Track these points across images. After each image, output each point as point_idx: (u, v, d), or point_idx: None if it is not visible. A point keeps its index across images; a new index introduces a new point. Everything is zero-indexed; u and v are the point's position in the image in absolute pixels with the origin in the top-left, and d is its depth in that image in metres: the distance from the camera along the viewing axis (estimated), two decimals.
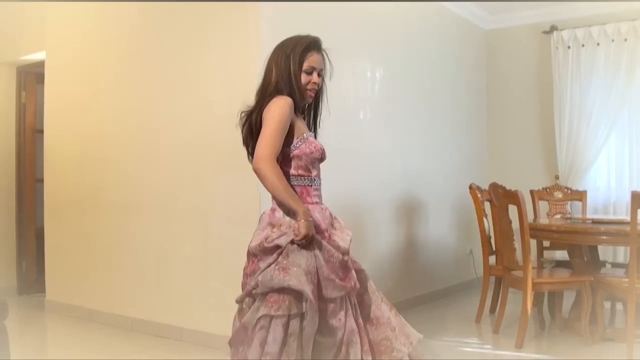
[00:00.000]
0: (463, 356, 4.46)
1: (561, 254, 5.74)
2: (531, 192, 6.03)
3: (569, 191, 6.10)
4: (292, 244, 2.50)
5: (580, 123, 6.49)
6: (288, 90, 2.64)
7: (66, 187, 5.59)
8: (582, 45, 6.51)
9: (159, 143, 4.88)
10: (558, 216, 5.86)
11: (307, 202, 2.62)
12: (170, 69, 4.82)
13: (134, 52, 5.09)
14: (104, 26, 5.34)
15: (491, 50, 7.38)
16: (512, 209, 4.59)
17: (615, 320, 5.12)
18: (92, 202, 5.36)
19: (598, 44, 6.43)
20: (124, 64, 5.16)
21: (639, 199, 4.01)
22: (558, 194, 6.09)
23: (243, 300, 2.61)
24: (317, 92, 2.80)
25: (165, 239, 4.83)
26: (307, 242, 2.49)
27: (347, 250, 2.62)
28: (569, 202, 6.12)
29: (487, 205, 5.48)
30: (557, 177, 6.59)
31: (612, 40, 6.35)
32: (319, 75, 2.74)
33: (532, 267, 4.55)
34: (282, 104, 2.56)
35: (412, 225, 5.98)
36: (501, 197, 4.67)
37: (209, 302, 4.38)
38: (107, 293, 5.22)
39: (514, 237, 4.66)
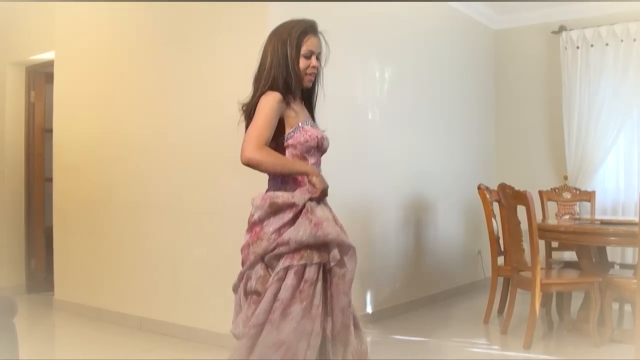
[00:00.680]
0: (471, 357, 4.45)
1: (569, 255, 5.72)
2: (540, 192, 6.01)
3: (577, 192, 6.08)
4: (310, 201, 2.53)
5: (589, 123, 6.46)
6: (284, 76, 2.59)
7: (75, 186, 5.59)
8: (591, 46, 6.48)
9: (168, 143, 4.88)
10: (567, 217, 5.84)
11: (303, 191, 2.58)
12: (179, 69, 4.82)
13: (143, 52, 5.10)
14: (112, 26, 5.34)
15: (500, 50, 7.36)
16: (520, 210, 4.57)
17: (624, 322, 5.11)
18: (101, 202, 5.37)
19: (607, 44, 6.40)
20: (133, 63, 5.17)
21: None
22: (567, 195, 6.06)
23: (246, 272, 2.58)
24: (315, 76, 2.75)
25: (174, 238, 4.83)
26: (325, 195, 2.56)
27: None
28: (578, 203, 6.09)
29: (495, 206, 5.47)
30: (565, 178, 6.56)
31: (621, 41, 6.32)
32: (317, 58, 2.69)
33: (541, 268, 4.53)
34: (270, 99, 2.53)
35: (420, 225, 5.97)
36: (510, 197, 4.66)
37: (218, 302, 4.35)
38: (115, 292, 5.23)
39: (523, 238, 4.64)
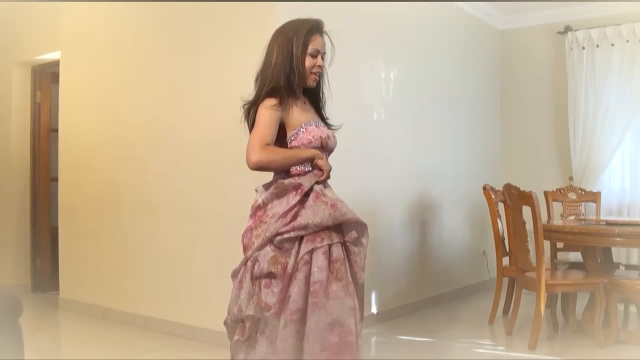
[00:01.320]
0: (476, 357, 4.45)
1: (575, 256, 5.70)
2: (545, 193, 6.00)
3: (583, 192, 6.07)
4: (317, 184, 2.59)
5: (595, 124, 6.45)
6: (286, 73, 2.60)
7: (80, 185, 5.61)
8: (597, 46, 6.47)
9: (174, 142, 4.89)
10: (572, 217, 5.82)
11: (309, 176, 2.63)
12: (184, 69, 4.82)
13: (149, 52, 5.11)
14: (118, 26, 5.36)
15: (505, 50, 7.35)
16: (526, 210, 4.56)
17: (629, 323, 5.10)
18: (106, 201, 5.38)
19: (613, 45, 6.38)
20: (139, 63, 5.18)
21: None
22: (572, 195, 6.05)
23: (250, 257, 2.59)
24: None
25: (179, 237, 4.84)
26: (328, 177, 2.64)
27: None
28: (583, 204, 6.08)
29: (501, 207, 5.47)
30: (571, 179, 6.54)
31: (627, 41, 6.31)
32: (322, 58, 2.70)
33: (546, 269, 4.53)
34: (267, 106, 2.54)
35: (425, 226, 5.97)
36: (515, 198, 4.65)
37: (223, 302, 4.32)
38: (120, 291, 5.24)
39: (528, 239, 4.64)
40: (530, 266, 4.62)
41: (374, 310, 5.25)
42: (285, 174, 2.64)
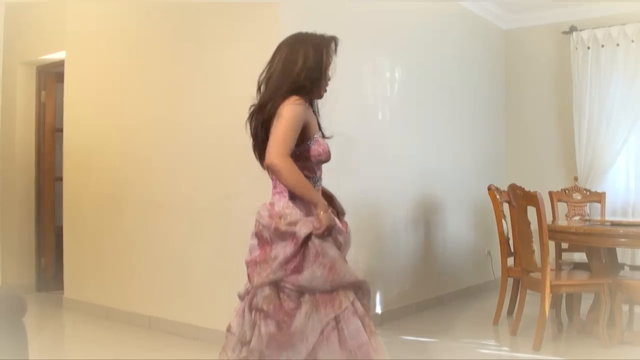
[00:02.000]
0: (480, 358, 4.44)
1: (580, 256, 5.68)
2: (550, 193, 5.98)
3: (587, 193, 6.05)
4: (313, 236, 2.51)
5: (600, 124, 6.43)
6: (310, 83, 2.62)
7: (85, 185, 5.60)
8: (602, 46, 6.45)
9: (178, 142, 4.88)
10: (577, 218, 5.81)
11: (307, 218, 2.60)
12: (189, 69, 4.82)
13: (153, 52, 5.10)
14: (124, 25, 5.35)
15: (510, 50, 7.33)
16: (530, 211, 4.55)
17: (634, 324, 5.05)
18: (110, 201, 5.37)
19: (618, 45, 6.37)
20: (143, 63, 5.17)
21: None
22: (577, 196, 6.03)
23: (258, 290, 2.57)
24: None
25: (184, 237, 4.83)
26: (327, 233, 2.51)
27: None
28: (588, 204, 6.07)
29: (505, 207, 5.45)
30: (576, 179, 6.53)
31: (632, 41, 6.29)
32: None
33: (550, 269, 4.51)
34: (300, 105, 2.55)
35: (430, 226, 5.96)
36: (520, 198, 4.64)
37: (227, 301, 4.28)
38: (124, 291, 5.23)
39: (533, 239, 4.62)
40: (535, 266, 4.60)
41: (378, 310, 5.23)
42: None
